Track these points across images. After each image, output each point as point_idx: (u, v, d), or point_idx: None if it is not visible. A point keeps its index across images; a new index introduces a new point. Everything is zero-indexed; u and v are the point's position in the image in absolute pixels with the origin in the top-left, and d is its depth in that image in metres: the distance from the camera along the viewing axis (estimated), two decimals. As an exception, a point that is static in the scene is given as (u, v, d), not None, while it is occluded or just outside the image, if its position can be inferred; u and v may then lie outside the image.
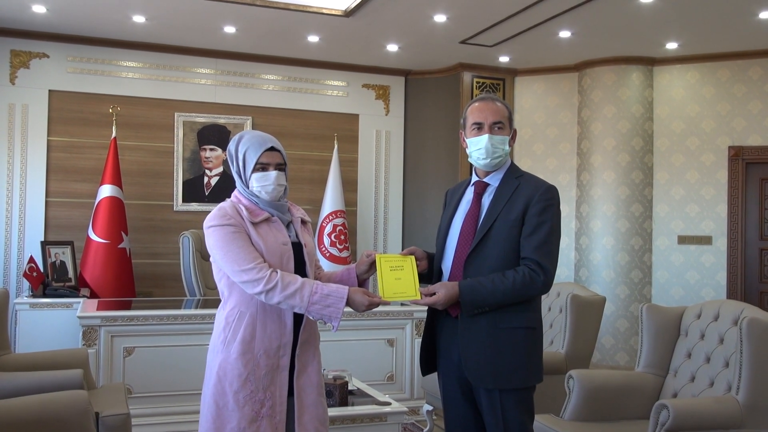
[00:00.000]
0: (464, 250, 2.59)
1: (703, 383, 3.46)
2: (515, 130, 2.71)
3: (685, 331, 3.70)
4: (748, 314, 3.27)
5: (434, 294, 2.51)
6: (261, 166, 2.49)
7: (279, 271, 2.39)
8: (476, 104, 2.68)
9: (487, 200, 2.64)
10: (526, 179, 2.64)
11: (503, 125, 2.63)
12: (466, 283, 2.51)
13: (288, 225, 2.58)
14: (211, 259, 2.52)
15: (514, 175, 2.66)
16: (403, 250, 2.79)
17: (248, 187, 2.52)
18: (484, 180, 2.68)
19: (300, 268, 2.52)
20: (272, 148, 2.51)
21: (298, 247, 2.54)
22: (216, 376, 2.43)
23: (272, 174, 2.49)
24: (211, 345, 2.51)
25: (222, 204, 2.52)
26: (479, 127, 2.63)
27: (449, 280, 2.62)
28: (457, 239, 2.64)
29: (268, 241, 2.45)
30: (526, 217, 2.54)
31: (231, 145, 2.56)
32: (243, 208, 2.47)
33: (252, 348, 2.42)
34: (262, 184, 2.49)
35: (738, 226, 6.78)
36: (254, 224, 2.46)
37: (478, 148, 2.62)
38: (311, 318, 2.48)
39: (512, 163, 2.71)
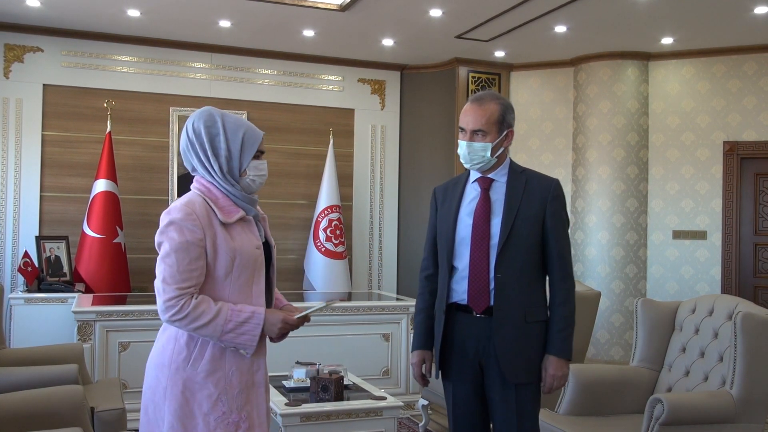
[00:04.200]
0: (483, 246, 2.56)
1: (698, 377, 3.47)
2: (510, 131, 2.63)
3: (680, 325, 3.71)
4: (743, 309, 3.29)
5: (547, 378, 2.56)
6: (259, 153, 2.23)
7: (193, 300, 2.08)
8: (467, 105, 2.64)
9: (496, 195, 2.62)
10: (531, 174, 2.66)
11: (485, 133, 2.57)
12: (555, 346, 2.56)
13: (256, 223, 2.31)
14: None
15: (518, 170, 2.67)
16: (398, 249, 2.76)
17: (232, 177, 2.19)
18: (489, 176, 2.65)
19: (267, 270, 2.29)
20: None
21: (266, 248, 2.29)
22: (182, 396, 2.11)
23: (265, 162, 2.27)
24: (167, 359, 2.15)
25: (192, 197, 2.17)
26: (462, 131, 2.62)
27: (470, 277, 2.57)
28: (471, 235, 2.59)
29: (244, 246, 2.17)
30: (546, 215, 2.58)
31: (211, 128, 2.18)
32: (214, 207, 2.16)
33: (222, 365, 2.14)
34: (258, 173, 2.23)
35: (733, 221, 6.80)
36: (227, 225, 2.16)
37: (460, 151, 2.63)
38: (224, 346, 2.16)
39: (511, 159, 2.70)
